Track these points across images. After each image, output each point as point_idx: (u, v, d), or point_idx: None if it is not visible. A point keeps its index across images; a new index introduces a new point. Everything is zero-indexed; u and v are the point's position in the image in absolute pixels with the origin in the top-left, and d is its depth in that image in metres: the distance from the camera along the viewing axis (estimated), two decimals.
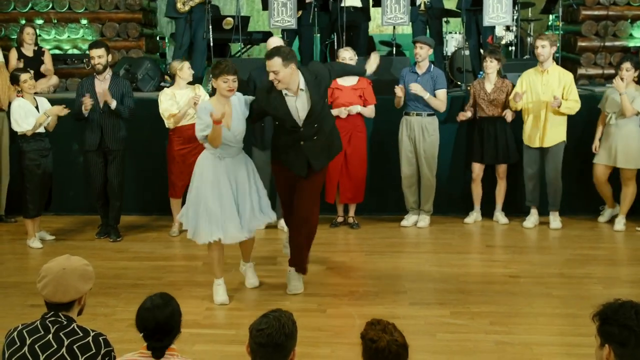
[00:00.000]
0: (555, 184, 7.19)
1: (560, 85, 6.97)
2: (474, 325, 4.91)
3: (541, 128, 7.05)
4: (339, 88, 7.06)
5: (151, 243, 7.02)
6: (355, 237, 7.17)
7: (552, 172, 7.16)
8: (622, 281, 5.80)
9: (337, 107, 7.01)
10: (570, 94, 6.97)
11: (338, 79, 7.09)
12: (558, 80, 6.99)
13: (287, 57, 5.01)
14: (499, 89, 7.17)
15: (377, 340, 2.60)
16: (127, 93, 6.97)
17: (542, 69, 7.04)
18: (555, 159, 7.12)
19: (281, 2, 8.13)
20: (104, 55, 6.85)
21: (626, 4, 9.39)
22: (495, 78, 7.22)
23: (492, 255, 6.53)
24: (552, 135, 7.04)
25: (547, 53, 6.97)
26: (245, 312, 5.04)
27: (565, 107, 6.93)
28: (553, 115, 6.99)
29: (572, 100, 6.97)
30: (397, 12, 8.19)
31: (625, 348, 2.49)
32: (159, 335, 2.86)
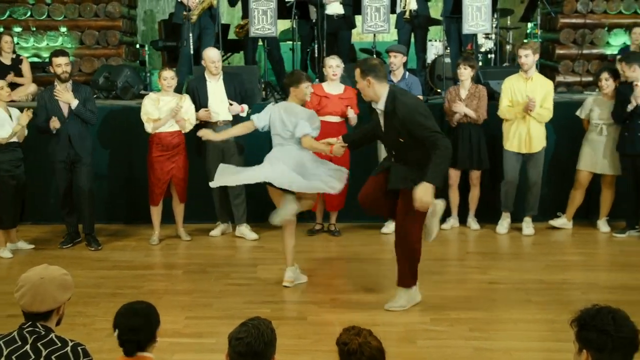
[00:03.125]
0: (536, 189, 7.26)
1: (543, 92, 7.05)
2: (453, 332, 4.92)
3: (525, 134, 7.10)
4: (326, 96, 7.08)
5: (131, 252, 6.99)
6: (336, 244, 7.18)
7: (534, 177, 7.23)
8: (600, 287, 5.84)
9: (324, 115, 7.01)
10: (545, 102, 7.05)
11: (325, 86, 7.12)
12: (541, 88, 7.07)
13: (365, 70, 5.02)
14: (473, 94, 7.23)
15: (349, 343, 2.62)
16: (88, 98, 6.93)
17: (526, 77, 7.11)
18: (538, 164, 7.20)
19: (261, 10, 8.14)
20: (69, 63, 6.84)
21: (603, 12, 9.52)
22: (470, 84, 7.27)
23: (471, 261, 6.56)
24: (537, 140, 7.11)
25: (530, 62, 7.04)
26: (224, 321, 5.02)
27: (536, 113, 7.00)
28: (536, 121, 7.06)
29: (546, 108, 7.05)
30: (377, 20, 8.24)
31: (603, 353, 2.51)
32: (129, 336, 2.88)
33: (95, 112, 7.00)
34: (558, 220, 7.41)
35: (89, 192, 6.99)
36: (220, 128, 7.01)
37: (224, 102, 7.05)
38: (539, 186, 7.27)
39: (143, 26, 12.62)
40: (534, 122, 7.06)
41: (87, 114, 6.86)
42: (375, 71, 5.00)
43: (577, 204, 7.39)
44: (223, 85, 7.09)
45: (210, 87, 7.07)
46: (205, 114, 7.02)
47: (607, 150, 7.18)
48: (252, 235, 7.29)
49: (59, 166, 6.91)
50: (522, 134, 7.12)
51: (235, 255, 6.87)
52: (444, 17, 8.92)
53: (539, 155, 7.18)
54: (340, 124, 7.11)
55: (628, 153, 6.96)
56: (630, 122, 6.90)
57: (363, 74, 5.02)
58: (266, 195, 7.37)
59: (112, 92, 8.57)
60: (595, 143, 7.22)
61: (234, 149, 7.12)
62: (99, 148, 7.67)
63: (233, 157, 7.11)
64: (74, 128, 6.83)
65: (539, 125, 7.11)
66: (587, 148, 7.27)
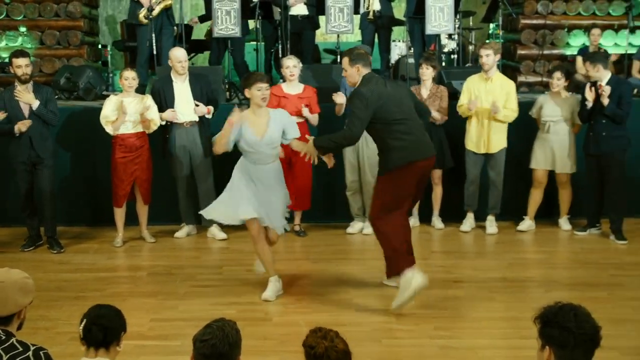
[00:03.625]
0: (497, 189, 7.33)
1: (503, 93, 7.12)
2: (418, 331, 4.95)
3: (485, 134, 7.18)
4: (285, 96, 7.07)
5: (94, 254, 6.90)
6: (301, 244, 7.18)
7: (495, 177, 7.30)
8: (562, 284, 5.93)
9: None
10: (509, 103, 7.12)
11: (284, 87, 7.12)
12: (500, 88, 7.13)
13: (354, 58, 5.32)
14: (434, 94, 7.28)
15: (315, 347, 2.62)
16: (49, 99, 6.84)
17: (486, 77, 7.17)
18: (499, 164, 7.26)
19: (225, 10, 8.10)
20: (30, 64, 6.75)
21: (563, 14, 9.67)
22: (431, 84, 7.32)
23: (435, 260, 6.60)
24: (496, 141, 7.18)
25: (491, 62, 7.10)
26: (190, 323, 4.97)
27: (502, 115, 7.07)
28: (495, 121, 7.13)
29: (509, 108, 7.13)
30: (341, 21, 8.26)
31: (565, 350, 2.54)
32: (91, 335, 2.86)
33: (57, 113, 6.91)
34: (524, 224, 7.47)
35: (51, 194, 6.89)
36: (186, 129, 6.98)
37: (190, 103, 7.00)
38: (499, 186, 7.33)
39: (105, 26, 12.48)
40: (494, 123, 7.13)
41: (49, 114, 6.77)
42: (363, 59, 5.32)
43: (537, 202, 7.47)
44: (189, 85, 7.04)
45: (176, 87, 7.02)
46: (171, 114, 6.96)
47: (557, 149, 7.26)
48: (221, 235, 7.26)
49: (20, 168, 6.81)
50: (483, 135, 7.19)
51: (201, 256, 6.83)
52: (407, 18, 8.98)
53: (499, 156, 7.25)
54: (301, 124, 7.10)
55: (592, 153, 7.04)
56: (595, 123, 6.98)
57: (352, 62, 5.30)
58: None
59: (74, 93, 8.47)
60: (544, 141, 7.31)
61: (201, 151, 7.08)
62: (61, 149, 7.56)
63: (200, 159, 7.08)
64: (35, 129, 6.73)
65: (500, 126, 7.18)
66: (538, 146, 7.36)
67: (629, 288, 5.75)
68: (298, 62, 7.15)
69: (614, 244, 6.95)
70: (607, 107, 6.83)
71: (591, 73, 7.01)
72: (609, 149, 6.94)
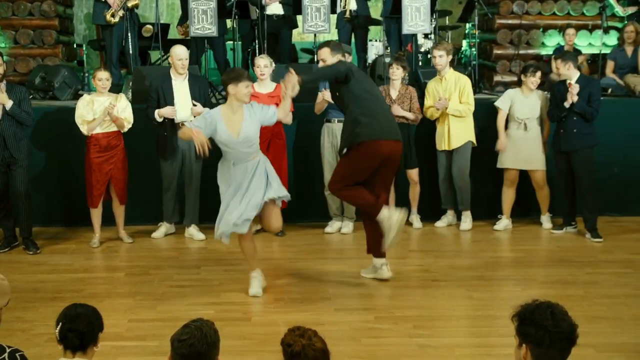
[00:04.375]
0: (461, 185, 7.37)
1: (457, 89, 7.18)
2: (397, 330, 4.97)
3: (446, 132, 7.25)
4: (255, 95, 7.04)
5: (70, 255, 6.84)
6: (280, 244, 7.17)
7: (457, 172, 7.34)
8: (539, 282, 5.98)
9: None
10: (463, 97, 7.18)
11: (255, 86, 7.10)
12: (454, 85, 7.21)
13: (334, 48, 5.81)
14: (403, 95, 7.31)
15: (293, 344, 2.62)
16: (23, 99, 6.77)
17: (440, 77, 7.25)
18: (461, 159, 7.29)
19: (201, 9, 8.07)
20: (3, 63, 6.68)
21: (538, 14, 9.75)
22: (400, 85, 7.34)
23: (414, 259, 6.63)
24: (456, 137, 7.22)
25: (444, 62, 7.19)
26: (168, 323, 4.95)
27: (453, 109, 7.12)
28: (455, 118, 7.18)
29: (464, 102, 7.19)
30: (318, 20, 8.26)
31: (541, 348, 2.57)
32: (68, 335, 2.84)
33: (31, 112, 6.84)
34: (500, 223, 7.51)
35: (26, 194, 6.82)
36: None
37: (188, 103, 6.96)
38: (463, 181, 7.35)
39: (81, 25, 12.39)
40: (453, 119, 7.19)
41: (23, 115, 6.70)
42: (342, 51, 5.90)
43: (511, 200, 7.50)
44: (188, 85, 7.00)
45: (175, 85, 6.97)
46: (171, 111, 6.89)
47: (531, 147, 7.29)
48: (199, 236, 7.23)
49: None
50: (444, 132, 7.26)
51: (179, 257, 6.79)
52: (383, 18, 9.01)
53: (462, 151, 7.28)
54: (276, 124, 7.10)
55: (564, 150, 7.08)
56: (565, 120, 7.04)
57: (333, 52, 5.77)
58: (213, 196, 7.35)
59: (49, 93, 8.38)
60: (517, 140, 7.31)
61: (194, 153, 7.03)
62: (36, 150, 7.49)
63: (192, 161, 7.06)
64: (9, 129, 6.66)
65: (458, 122, 7.22)
66: (509, 145, 7.34)
67: (604, 286, 5.81)
68: (270, 62, 7.17)
69: (590, 242, 7.01)
70: (576, 104, 6.91)
71: (562, 71, 7.06)
72: (579, 145, 7.00)
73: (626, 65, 8.41)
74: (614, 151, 7.66)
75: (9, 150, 6.67)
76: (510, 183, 7.44)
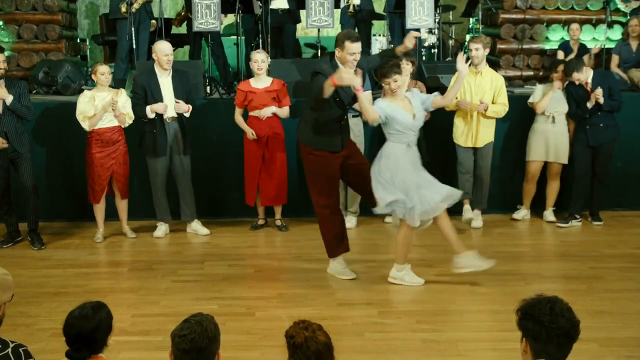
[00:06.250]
0: (484, 184, 7.36)
1: (492, 88, 7.12)
2: (401, 324, 4.97)
3: (474, 129, 7.19)
4: (252, 91, 7.06)
5: (74, 250, 6.85)
6: (283, 239, 7.17)
7: (482, 171, 7.32)
8: (542, 277, 5.97)
9: (252, 109, 7.06)
10: (499, 97, 7.14)
11: (252, 81, 7.09)
12: (490, 83, 7.14)
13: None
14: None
15: (295, 336, 2.62)
16: (23, 93, 6.77)
17: (475, 71, 7.17)
18: (486, 159, 7.29)
19: (205, 4, 8.06)
20: (5, 60, 6.69)
21: (542, 8, 9.72)
22: (409, 80, 7.31)
23: (417, 254, 6.61)
24: (483, 135, 7.20)
25: (480, 55, 7.08)
26: (171, 318, 4.95)
27: (492, 110, 7.09)
28: (484, 116, 7.15)
29: (500, 103, 7.15)
30: (322, 15, 8.24)
31: (538, 342, 2.57)
32: (78, 345, 2.81)
33: (31, 107, 6.84)
34: (520, 213, 7.58)
35: (34, 187, 6.84)
36: (168, 124, 6.93)
37: (172, 99, 6.95)
38: (485, 181, 7.33)
39: (85, 20, 12.39)
40: (482, 117, 7.15)
41: (23, 109, 6.71)
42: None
43: (532, 194, 7.59)
44: (171, 81, 6.99)
45: (161, 82, 6.96)
46: (163, 107, 6.86)
47: (555, 140, 7.37)
48: (204, 231, 7.23)
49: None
50: (471, 129, 7.20)
51: (182, 252, 6.80)
52: (387, 12, 8.99)
53: (486, 150, 7.27)
54: (272, 119, 7.10)
55: (592, 145, 7.21)
56: (591, 116, 7.16)
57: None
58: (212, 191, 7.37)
59: (53, 88, 8.39)
60: (546, 133, 7.37)
61: (182, 148, 7.04)
62: (38, 145, 7.50)
63: (181, 157, 7.05)
64: (10, 124, 6.67)
65: (488, 121, 7.19)
66: (538, 138, 7.41)
67: (608, 280, 5.80)
68: (267, 57, 7.19)
69: (594, 237, 7.01)
70: (604, 104, 7.08)
71: (582, 77, 7.14)
72: (607, 139, 7.23)
73: (631, 60, 8.39)
74: (618, 145, 7.63)
75: (11, 144, 6.68)
76: (531, 177, 7.50)
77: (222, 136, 7.66)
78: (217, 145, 7.68)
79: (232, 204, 7.69)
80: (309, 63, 8.26)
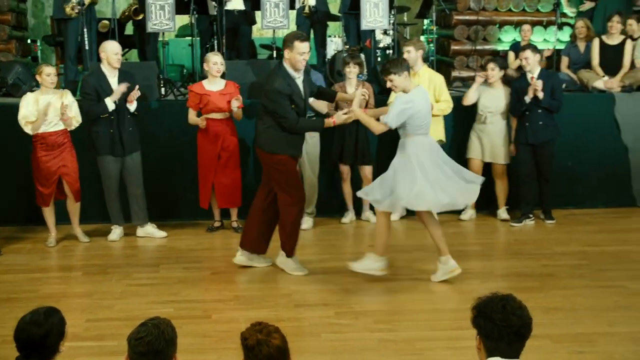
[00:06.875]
0: None
1: (431, 87, 7.20)
2: (357, 325, 4.99)
3: None
4: (207, 94, 7.01)
5: (26, 255, 6.72)
6: (238, 241, 7.11)
7: None
8: (496, 275, 6.06)
9: (208, 112, 6.99)
10: (442, 95, 7.22)
11: (205, 84, 7.04)
12: (428, 82, 7.21)
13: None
14: None
15: (248, 338, 2.62)
16: None
17: (413, 72, 7.24)
18: None
19: (159, 5, 7.98)
20: None
21: (494, 10, 9.86)
22: (356, 82, 7.34)
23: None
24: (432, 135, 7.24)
25: (413, 57, 7.16)
26: (126, 322, 4.89)
27: (437, 108, 7.16)
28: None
29: (444, 100, 7.23)
30: (277, 16, 8.23)
31: (490, 340, 2.61)
32: (27, 351, 2.76)
33: None
34: (466, 214, 7.65)
35: None
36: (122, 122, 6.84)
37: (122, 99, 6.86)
38: None
39: (34, 20, 12.17)
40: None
41: None
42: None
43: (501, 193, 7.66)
44: (118, 81, 6.89)
45: (111, 82, 6.86)
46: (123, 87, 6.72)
47: (493, 140, 7.46)
48: (160, 233, 7.16)
49: None
50: None
51: (137, 255, 6.73)
52: (342, 13, 9.01)
53: None
54: (227, 120, 7.07)
55: (530, 143, 7.31)
56: (531, 113, 7.25)
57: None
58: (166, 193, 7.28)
59: (2, 89, 8.22)
60: (480, 132, 7.50)
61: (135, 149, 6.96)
62: None
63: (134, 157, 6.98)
64: None
65: (433, 120, 7.25)
66: (473, 137, 7.56)
67: (560, 278, 5.91)
68: (222, 59, 7.14)
69: (546, 236, 7.13)
70: (542, 100, 7.15)
71: (531, 60, 7.24)
72: (546, 137, 7.30)
73: (579, 61, 8.55)
74: (568, 145, 7.80)
75: None
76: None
77: (175, 138, 7.58)
78: (170, 148, 7.60)
79: (186, 206, 7.62)
80: (265, 64, 8.25)
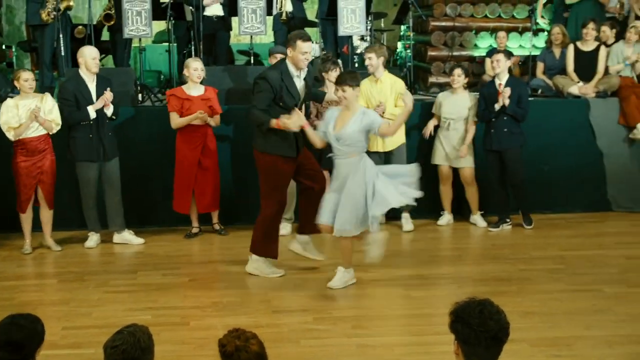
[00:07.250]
0: None
1: (393, 92, 7.25)
2: (336, 330, 4.99)
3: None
4: (188, 99, 7.01)
5: (1, 262, 6.65)
6: (218, 246, 7.12)
7: None
8: (474, 280, 6.08)
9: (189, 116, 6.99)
10: (400, 101, 7.26)
11: (185, 89, 7.03)
12: (390, 88, 7.27)
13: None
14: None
15: (226, 345, 2.61)
16: None
17: (375, 79, 7.30)
18: (399, 161, 7.36)
19: (135, 10, 7.95)
20: None
21: (470, 16, 9.94)
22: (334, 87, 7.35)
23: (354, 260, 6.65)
24: (391, 139, 7.23)
25: (375, 64, 7.21)
26: (103, 330, 4.84)
27: (390, 113, 7.15)
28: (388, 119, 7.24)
29: (400, 106, 7.26)
30: (254, 22, 8.24)
31: (467, 345, 2.62)
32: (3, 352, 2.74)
33: None
34: (444, 218, 7.67)
35: None
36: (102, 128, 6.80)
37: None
38: None
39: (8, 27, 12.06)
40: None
41: None
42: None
43: (449, 196, 7.69)
44: (95, 86, 6.85)
45: (90, 87, 6.81)
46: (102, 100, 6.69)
47: (457, 145, 7.49)
48: (138, 240, 7.10)
49: None
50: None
51: (114, 262, 6.68)
52: (319, 19, 9.04)
53: (398, 153, 7.36)
54: (206, 126, 7.08)
55: (494, 149, 7.34)
56: (496, 120, 7.30)
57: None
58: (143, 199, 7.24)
59: None
60: (444, 139, 7.54)
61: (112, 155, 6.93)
62: None
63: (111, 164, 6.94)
64: None
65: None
66: (438, 143, 7.59)
67: (537, 282, 5.95)
68: (203, 65, 7.15)
69: (524, 240, 7.18)
70: (508, 107, 7.21)
71: (502, 65, 7.30)
72: (510, 144, 7.33)
73: (555, 67, 8.63)
74: (544, 150, 7.88)
75: None
76: (444, 179, 7.61)
77: (152, 144, 7.55)
78: (147, 154, 7.56)
79: (163, 212, 7.57)
80: (242, 70, 8.25)
